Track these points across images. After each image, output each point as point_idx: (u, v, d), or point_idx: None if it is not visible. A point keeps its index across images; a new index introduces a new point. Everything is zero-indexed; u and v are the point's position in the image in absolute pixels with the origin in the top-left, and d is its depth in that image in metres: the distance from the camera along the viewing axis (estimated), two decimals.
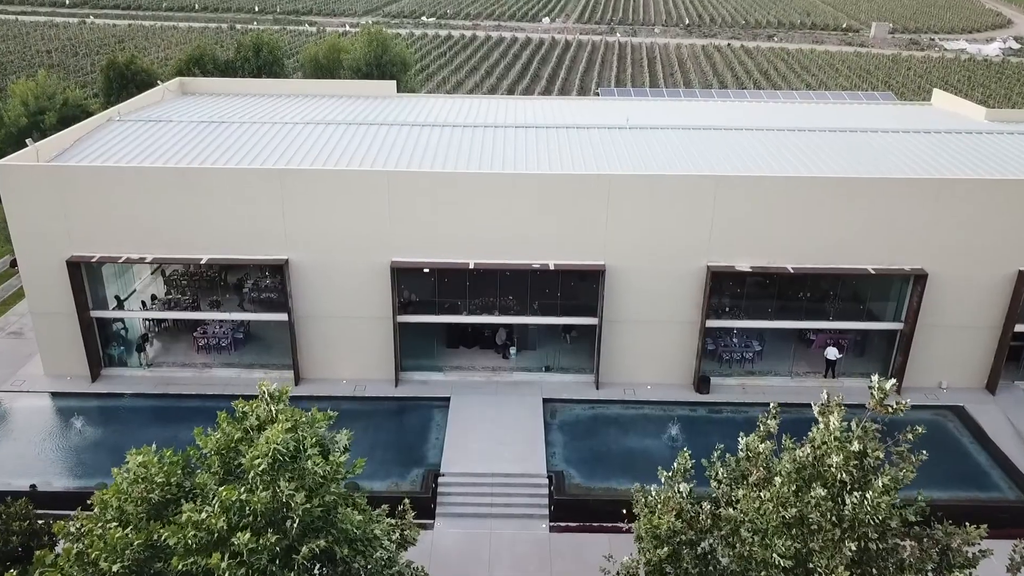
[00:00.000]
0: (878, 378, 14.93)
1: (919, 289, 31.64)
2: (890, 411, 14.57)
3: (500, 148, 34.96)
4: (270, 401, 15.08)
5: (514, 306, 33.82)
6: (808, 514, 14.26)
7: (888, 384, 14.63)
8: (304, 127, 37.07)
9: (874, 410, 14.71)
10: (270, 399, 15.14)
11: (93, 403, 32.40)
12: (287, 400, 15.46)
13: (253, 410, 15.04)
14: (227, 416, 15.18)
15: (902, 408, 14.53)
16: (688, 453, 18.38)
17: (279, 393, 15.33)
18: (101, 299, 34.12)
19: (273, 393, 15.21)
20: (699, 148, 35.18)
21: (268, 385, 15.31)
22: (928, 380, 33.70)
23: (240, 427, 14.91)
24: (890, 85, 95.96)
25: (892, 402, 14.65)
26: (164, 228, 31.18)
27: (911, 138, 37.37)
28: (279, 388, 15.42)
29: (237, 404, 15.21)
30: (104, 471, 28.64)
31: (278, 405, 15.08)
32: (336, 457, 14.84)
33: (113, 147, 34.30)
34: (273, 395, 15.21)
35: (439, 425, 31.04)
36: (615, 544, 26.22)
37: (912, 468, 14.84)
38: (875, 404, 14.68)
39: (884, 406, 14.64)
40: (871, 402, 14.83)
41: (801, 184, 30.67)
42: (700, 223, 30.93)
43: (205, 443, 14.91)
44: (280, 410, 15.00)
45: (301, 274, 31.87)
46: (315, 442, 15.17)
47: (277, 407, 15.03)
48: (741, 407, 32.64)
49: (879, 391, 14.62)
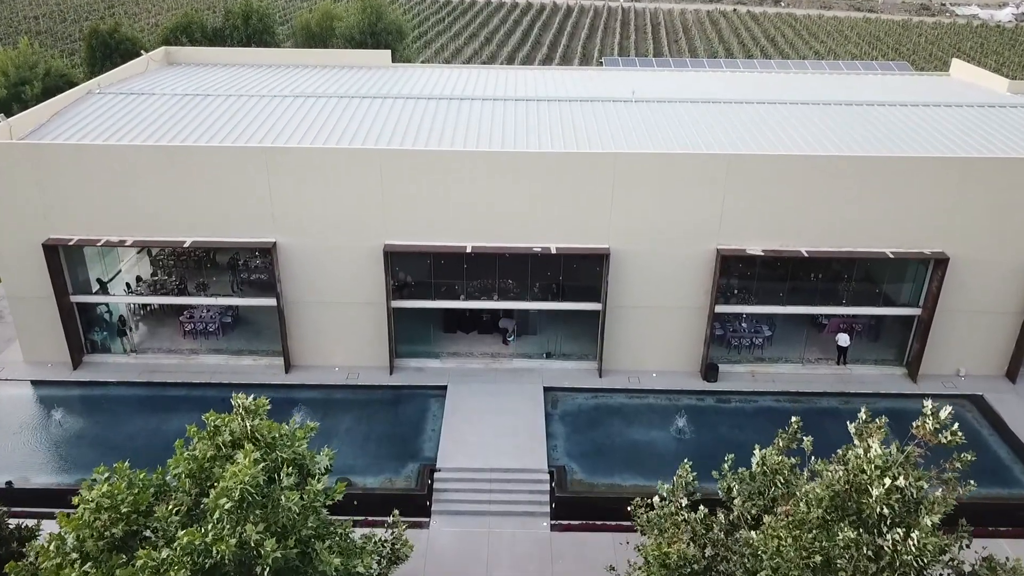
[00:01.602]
0: (931, 403, 13.38)
1: (939, 273, 30.12)
2: (944, 442, 13.08)
3: (499, 124, 33.19)
4: (245, 416, 13.64)
5: (514, 289, 32.34)
6: (836, 557, 12.83)
7: (944, 412, 13.08)
8: (294, 100, 35.26)
9: (923, 438, 13.21)
10: (245, 413, 13.71)
11: (74, 392, 31.09)
12: (264, 414, 14.03)
13: (227, 424, 13.62)
14: (199, 431, 13.77)
15: (957, 439, 13.01)
16: (689, 465, 17.01)
17: (255, 407, 13.89)
18: (83, 282, 32.63)
19: (248, 407, 13.78)
20: (708, 123, 33.42)
21: (243, 399, 13.88)
22: (945, 367, 32.33)
23: (213, 443, 13.50)
24: (900, 52, 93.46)
25: (947, 434, 13.08)
26: (145, 209, 29.60)
27: (930, 112, 35.56)
28: (255, 402, 13.99)
29: (209, 418, 13.79)
30: (85, 466, 27.50)
31: (254, 421, 13.64)
32: (314, 484, 13.39)
33: (92, 122, 32.56)
34: (249, 409, 13.77)
35: (435, 416, 29.72)
36: (619, 544, 25.12)
37: (955, 500, 13.38)
38: (926, 434, 13.14)
39: (936, 435, 13.07)
40: (920, 428, 13.30)
41: (818, 163, 28.98)
42: (710, 204, 29.32)
43: (176, 462, 13.50)
44: (256, 427, 13.58)
45: (290, 257, 30.35)
46: (292, 462, 13.77)
47: (252, 423, 13.59)
48: (751, 396, 31.31)
49: (933, 420, 13.09)
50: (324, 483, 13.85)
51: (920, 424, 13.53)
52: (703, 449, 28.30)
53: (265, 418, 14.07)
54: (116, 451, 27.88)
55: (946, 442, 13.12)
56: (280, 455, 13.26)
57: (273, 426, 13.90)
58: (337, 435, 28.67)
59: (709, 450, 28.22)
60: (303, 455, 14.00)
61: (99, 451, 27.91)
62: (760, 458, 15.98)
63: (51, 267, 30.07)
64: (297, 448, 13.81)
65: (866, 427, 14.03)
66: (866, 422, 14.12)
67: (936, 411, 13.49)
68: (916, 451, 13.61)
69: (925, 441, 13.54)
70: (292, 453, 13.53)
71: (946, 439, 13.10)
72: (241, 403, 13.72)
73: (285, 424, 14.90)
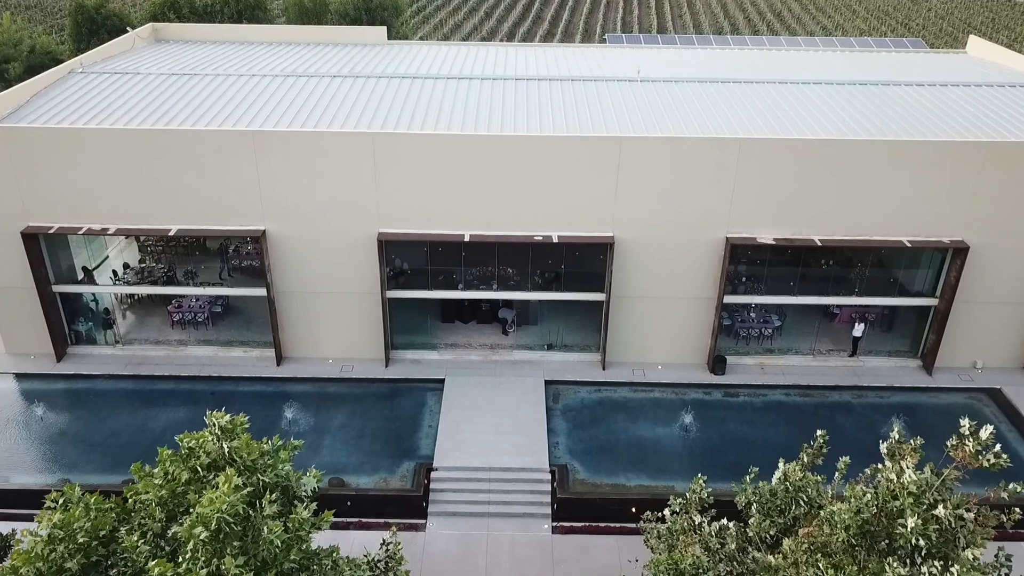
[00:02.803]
0: (968, 422, 12.14)
1: (958, 263, 28.84)
2: (986, 466, 11.85)
3: (499, 105, 31.74)
4: (221, 436, 12.43)
5: (514, 277, 31.09)
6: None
7: (986, 432, 11.84)
8: (285, 80, 33.77)
9: (962, 460, 11.99)
10: (221, 433, 12.49)
11: (57, 385, 29.93)
12: (242, 431, 12.79)
13: (201, 445, 12.40)
14: (170, 453, 12.55)
15: (1002, 463, 11.78)
16: (703, 479, 15.84)
17: (233, 425, 12.66)
18: (66, 270, 31.43)
19: (225, 426, 12.55)
20: (717, 104, 31.94)
21: (219, 417, 12.66)
22: (961, 359, 31.16)
23: (186, 467, 12.29)
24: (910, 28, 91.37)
25: (989, 456, 11.83)
26: (128, 196, 28.28)
27: (948, 92, 34.05)
28: (232, 419, 12.76)
29: (182, 439, 12.57)
30: (67, 464, 26.44)
31: (232, 441, 12.40)
32: (300, 512, 12.20)
33: (73, 103, 31.12)
34: (225, 428, 12.54)
35: (432, 411, 28.61)
36: (623, 546, 24.14)
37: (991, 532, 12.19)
38: (966, 456, 11.91)
39: (977, 459, 11.85)
40: (958, 450, 12.06)
41: (832, 147, 27.57)
42: (720, 190, 27.98)
43: (145, 486, 12.31)
44: (234, 448, 12.36)
45: (280, 246, 29.07)
46: (276, 485, 12.59)
47: (231, 444, 12.35)
48: (760, 390, 30.17)
49: (975, 442, 11.86)
50: (311, 509, 12.67)
51: (958, 445, 12.31)
52: (711, 446, 27.27)
53: (245, 436, 12.83)
54: (100, 448, 26.90)
55: (988, 466, 11.92)
56: (262, 479, 12.06)
57: (253, 446, 12.67)
58: (330, 432, 27.60)
59: (717, 447, 27.29)
60: (287, 476, 12.81)
61: (82, 449, 26.85)
62: (782, 474, 14.79)
63: (31, 256, 28.83)
64: (280, 470, 12.60)
65: (899, 447, 12.81)
66: (899, 442, 12.89)
67: (975, 430, 12.27)
68: (954, 474, 12.40)
69: (964, 464, 12.33)
70: (274, 476, 12.33)
71: (988, 463, 11.89)
72: (216, 422, 12.49)
73: (268, 440, 13.72)
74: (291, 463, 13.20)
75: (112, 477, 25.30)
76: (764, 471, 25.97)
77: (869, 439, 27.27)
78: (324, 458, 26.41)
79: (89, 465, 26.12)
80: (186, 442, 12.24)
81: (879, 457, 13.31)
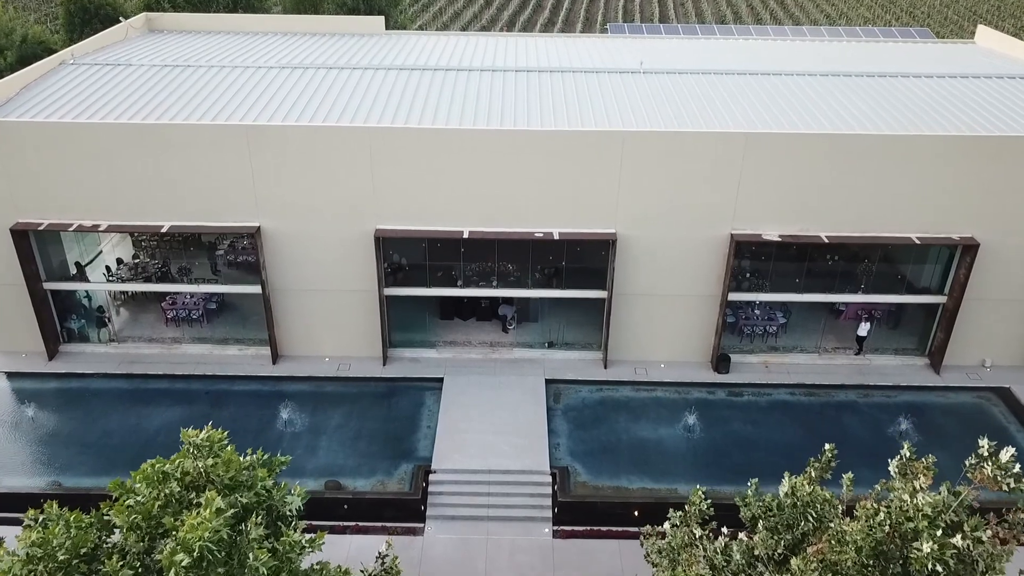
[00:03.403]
0: (987, 443, 11.57)
1: (968, 260, 28.23)
2: (1006, 489, 11.28)
3: (498, 97, 31.05)
4: (198, 454, 11.85)
5: (514, 273, 30.49)
6: None
7: (1007, 455, 11.25)
8: (280, 72, 33.06)
9: (980, 483, 11.42)
10: (198, 451, 11.90)
11: (49, 384, 29.39)
12: (221, 448, 12.22)
13: (178, 467, 11.84)
14: (146, 473, 11.97)
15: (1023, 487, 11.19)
16: (702, 491, 15.27)
17: (211, 442, 12.09)
18: (58, 266, 30.85)
19: (201, 443, 11.96)
20: (721, 97, 31.24)
21: (195, 435, 12.08)
22: (970, 358, 30.59)
23: (162, 489, 11.72)
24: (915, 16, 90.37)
25: (1009, 480, 11.25)
26: (120, 192, 27.66)
27: (958, 84, 33.34)
28: (210, 436, 12.18)
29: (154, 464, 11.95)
30: (59, 466, 25.91)
31: (209, 460, 11.82)
32: (290, 535, 11.61)
33: (64, 96, 30.44)
34: (201, 447, 11.95)
35: (431, 411, 28.08)
36: (625, 551, 23.67)
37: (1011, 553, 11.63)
38: (985, 479, 11.32)
39: (997, 483, 11.27)
40: (976, 473, 11.48)
41: (841, 142, 26.91)
42: (725, 186, 27.34)
43: (117, 511, 11.74)
44: (211, 468, 11.78)
45: (275, 243, 28.48)
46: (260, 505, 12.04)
47: (208, 463, 11.77)
48: (764, 389, 29.64)
49: (996, 468, 11.27)
50: (300, 529, 12.13)
51: (976, 468, 11.75)
52: (715, 448, 26.77)
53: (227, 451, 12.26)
54: (92, 449, 26.40)
55: (1008, 491, 11.35)
56: (241, 500, 11.49)
57: (233, 462, 12.09)
58: (327, 432, 27.08)
59: (721, 449, 26.78)
60: (270, 494, 12.24)
61: (74, 450, 26.34)
62: (789, 488, 14.22)
63: (20, 253, 28.23)
64: (262, 488, 12.02)
65: (911, 465, 12.24)
66: (910, 459, 12.33)
67: (994, 451, 11.69)
68: (972, 495, 11.84)
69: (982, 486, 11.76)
70: (255, 496, 11.76)
71: (1009, 487, 11.31)
72: (192, 441, 11.90)
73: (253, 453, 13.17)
74: (274, 479, 12.65)
75: (104, 480, 24.68)
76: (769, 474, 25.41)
77: (876, 440, 26.98)
78: (321, 460, 25.92)
79: (81, 467, 25.61)
80: (158, 467, 11.66)
81: (886, 460, 12.76)
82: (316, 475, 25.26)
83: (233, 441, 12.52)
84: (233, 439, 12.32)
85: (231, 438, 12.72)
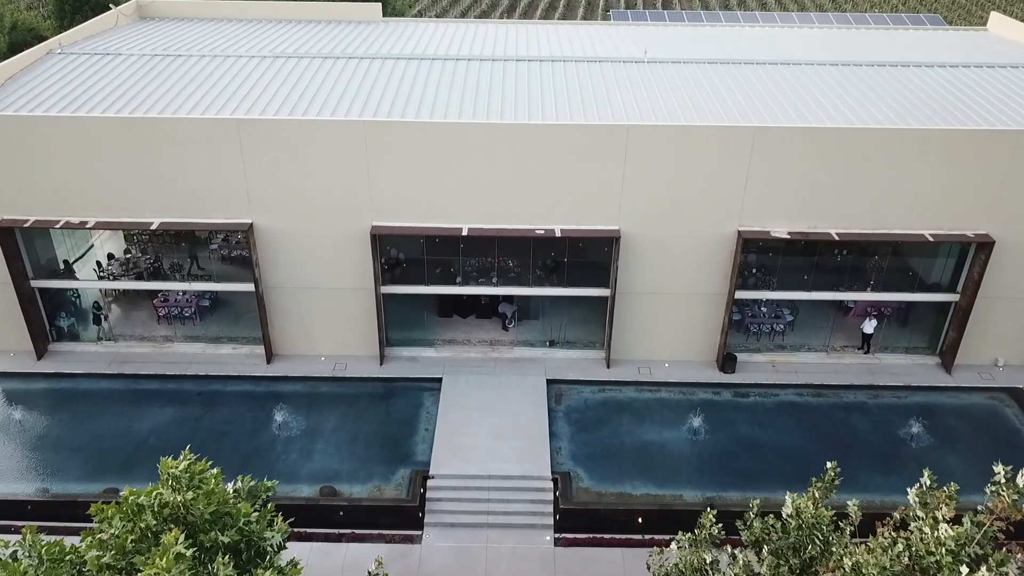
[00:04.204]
0: (1004, 468, 10.81)
1: (982, 257, 27.39)
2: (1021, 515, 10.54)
3: (498, 88, 30.10)
4: (175, 488, 11.04)
5: (514, 269, 29.66)
6: None
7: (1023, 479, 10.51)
8: (274, 61, 32.10)
9: (1000, 511, 10.68)
10: (175, 484, 11.10)
11: (37, 385, 28.66)
12: (203, 479, 11.42)
13: (155, 499, 11.05)
14: (117, 508, 11.18)
15: None
16: (713, 513, 14.51)
17: (191, 473, 11.29)
18: (47, 263, 30.07)
19: (179, 475, 11.16)
20: (728, 88, 30.29)
21: (174, 466, 11.29)
22: (982, 357, 29.82)
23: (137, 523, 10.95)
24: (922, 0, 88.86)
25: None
26: (108, 188, 26.80)
27: (971, 74, 32.35)
28: (190, 466, 11.38)
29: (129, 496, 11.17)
30: (46, 472, 25.19)
31: (187, 494, 11.00)
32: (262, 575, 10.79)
33: (50, 87, 29.52)
34: (179, 478, 11.14)
35: (429, 413, 27.34)
36: (629, 560, 23.02)
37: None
38: (1003, 506, 10.58)
39: (1016, 508, 10.54)
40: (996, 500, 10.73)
41: (853, 136, 26.00)
42: (733, 182, 26.47)
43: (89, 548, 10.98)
44: (191, 502, 10.99)
45: (269, 240, 27.64)
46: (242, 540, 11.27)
47: (186, 497, 10.97)
48: (771, 389, 28.88)
49: (1011, 490, 10.53)
50: (277, 564, 11.37)
51: (994, 496, 11.01)
52: (721, 451, 26.06)
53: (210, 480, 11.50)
54: (82, 453, 25.71)
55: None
56: (221, 539, 10.72)
57: (215, 494, 11.30)
58: (322, 436, 26.36)
59: (728, 452, 26.08)
60: (252, 531, 11.46)
61: (63, 454, 25.63)
62: (794, 509, 13.48)
63: (6, 251, 27.44)
64: (243, 526, 11.25)
65: (932, 495, 11.49)
66: (931, 487, 11.58)
67: (1012, 476, 10.94)
68: (996, 525, 11.10)
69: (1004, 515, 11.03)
70: (236, 535, 10.98)
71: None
72: (171, 472, 11.10)
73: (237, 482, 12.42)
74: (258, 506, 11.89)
75: (93, 485, 24.16)
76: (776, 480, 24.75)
77: (886, 444, 26.24)
78: (316, 464, 25.22)
79: (70, 472, 24.90)
80: (133, 499, 10.88)
81: (895, 464, 12.03)
82: (311, 480, 24.59)
83: (225, 445, 11.72)
84: (225, 443, 11.54)
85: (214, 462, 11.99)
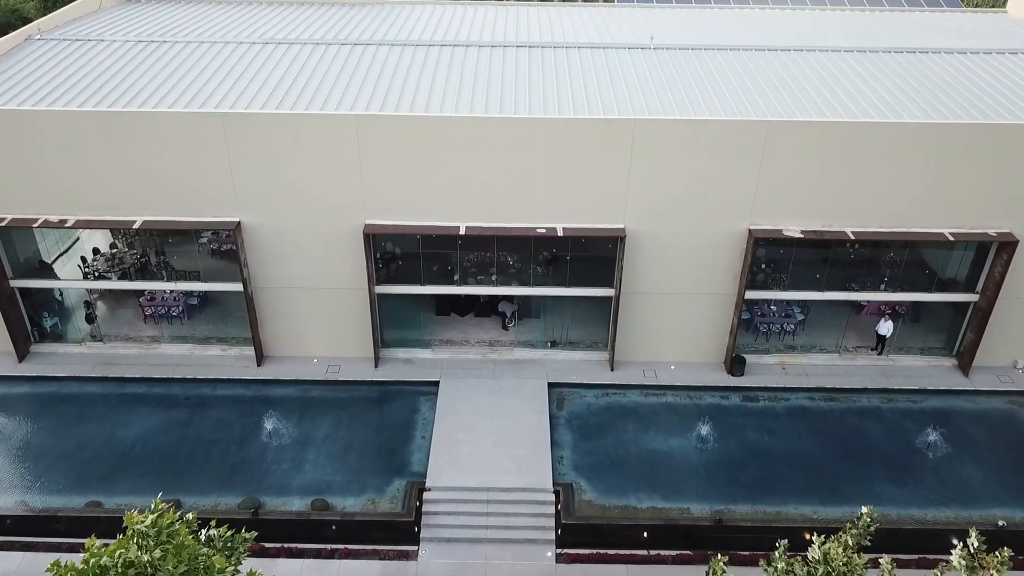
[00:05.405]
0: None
1: (1004, 257, 26.18)
2: None
3: (497, 77, 28.68)
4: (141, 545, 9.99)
5: (514, 265, 28.43)
6: None
7: None
8: (262, 48, 30.66)
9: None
10: (141, 540, 10.04)
11: (19, 389, 27.62)
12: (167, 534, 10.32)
13: (117, 559, 9.97)
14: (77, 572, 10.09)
15: None
16: (723, 560, 13.48)
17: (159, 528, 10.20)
18: (28, 260, 28.91)
19: (145, 530, 10.08)
20: (738, 76, 28.87)
21: (140, 520, 10.20)
22: (1000, 359, 28.71)
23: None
24: None
25: None
26: (89, 185, 25.57)
27: (992, 61, 30.88)
28: (158, 520, 10.29)
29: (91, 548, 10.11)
30: (24, 484, 24.15)
31: (155, 552, 9.96)
32: None
33: (28, 76, 28.15)
34: (145, 533, 10.06)
35: (425, 419, 26.29)
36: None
37: None
38: None
39: None
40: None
41: (871, 131, 24.67)
42: (744, 178, 25.19)
43: None
44: (157, 561, 9.93)
45: (257, 238, 26.43)
46: None
47: (153, 556, 9.92)
48: (781, 393, 27.80)
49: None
50: None
51: None
52: (730, 460, 25.04)
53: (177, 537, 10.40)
54: (64, 462, 24.74)
55: None
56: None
57: (186, 549, 10.23)
58: (314, 444, 25.33)
59: (737, 461, 25.08)
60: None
61: (44, 463, 24.61)
62: (821, 554, 12.44)
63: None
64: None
65: (982, 558, 10.41)
66: (980, 550, 10.49)
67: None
68: None
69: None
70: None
71: None
72: (137, 528, 10.01)
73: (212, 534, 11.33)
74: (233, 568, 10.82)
75: (75, 499, 23.20)
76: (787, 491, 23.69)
77: (902, 452, 25.17)
78: (307, 475, 24.21)
79: (52, 484, 23.87)
80: (95, 558, 9.80)
81: (911, 474, 10.97)
82: (302, 492, 23.60)
83: (213, 455, 10.62)
84: (213, 452, 10.44)
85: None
